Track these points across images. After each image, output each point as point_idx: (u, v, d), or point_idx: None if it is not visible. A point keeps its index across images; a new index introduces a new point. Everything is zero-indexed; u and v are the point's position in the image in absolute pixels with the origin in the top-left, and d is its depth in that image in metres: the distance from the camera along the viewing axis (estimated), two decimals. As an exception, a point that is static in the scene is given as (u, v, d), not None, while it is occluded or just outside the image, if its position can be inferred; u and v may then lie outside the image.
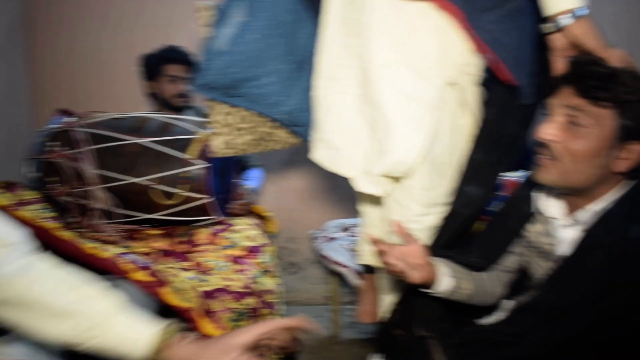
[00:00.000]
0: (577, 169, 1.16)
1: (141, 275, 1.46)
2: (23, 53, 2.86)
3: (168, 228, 1.93)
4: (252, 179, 2.44)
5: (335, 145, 1.45)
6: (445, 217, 1.49)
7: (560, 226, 1.28)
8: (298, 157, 2.96)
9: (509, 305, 1.52)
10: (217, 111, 1.59)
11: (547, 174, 1.20)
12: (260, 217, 2.28)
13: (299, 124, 1.65)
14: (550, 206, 1.31)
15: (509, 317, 1.45)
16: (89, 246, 1.53)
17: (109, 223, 1.84)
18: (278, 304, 1.88)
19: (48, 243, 1.53)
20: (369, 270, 1.84)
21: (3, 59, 2.63)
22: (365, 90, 1.39)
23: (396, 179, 1.42)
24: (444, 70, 1.37)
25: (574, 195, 1.24)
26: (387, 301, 1.56)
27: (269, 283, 1.87)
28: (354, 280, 2.08)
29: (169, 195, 1.79)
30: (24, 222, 1.55)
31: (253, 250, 1.91)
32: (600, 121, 1.12)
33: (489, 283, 1.42)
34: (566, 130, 1.15)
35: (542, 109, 1.29)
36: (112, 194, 1.81)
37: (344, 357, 2.60)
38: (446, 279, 1.31)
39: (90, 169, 1.79)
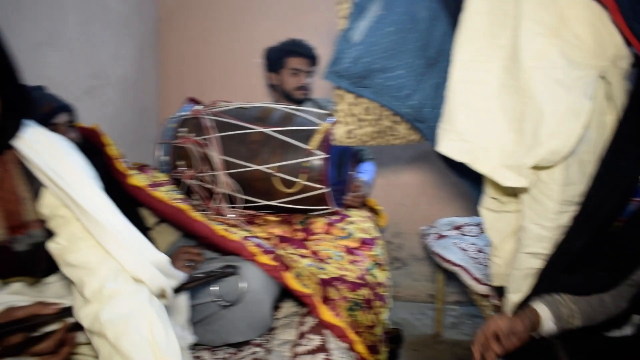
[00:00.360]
0: None
1: (266, 259, 1.51)
2: (153, 43, 3.06)
3: (285, 215, 1.99)
4: (365, 172, 2.45)
5: (469, 138, 1.41)
6: (575, 218, 1.41)
7: None
8: (408, 152, 2.94)
9: (638, 320, 1.43)
10: (343, 100, 1.61)
11: None
12: (371, 210, 2.29)
13: (422, 120, 1.63)
14: None
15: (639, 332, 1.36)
16: (219, 228, 1.61)
17: (231, 207, 1.93)
18: (388, 298, 1.88)
19: (181, 223, 1.64)
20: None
21: (134, 48, 2.82)
22: (513, 81, 1.35)
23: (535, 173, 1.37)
24: (598, 62, 1.30)
25: None
26: (512, 302, 1.51)
27: (380, 276, 1.88)
28: (468, 280, 2.03)
29: (288, 184, 1.85)
30: (161, 201, 1.65)
31: (367, 243, 1.92)
32: None
33: (610, 304, 1.33)
34: None
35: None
36: (235, 180, 1.90)
37: (446, 357, 2.56)
38: (549, 324, 1.27)
39: (216, 155, 1.88)
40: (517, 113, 1.34)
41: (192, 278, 1.48)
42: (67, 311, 1.08)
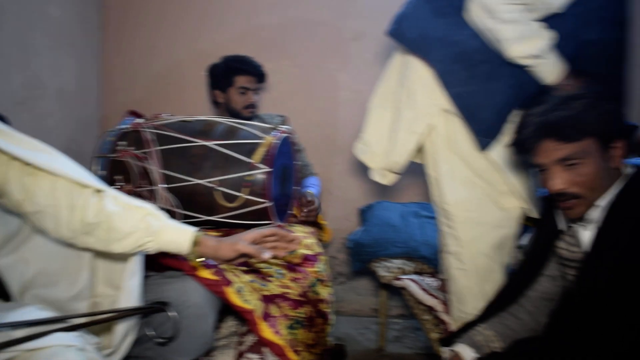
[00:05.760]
0: (595, 189, 1.30)
1: (207, 274, 1.48)
2: (95, 54, 2.98)
3: (226, 230, 1.96)
4: (311, 186, 2.45)
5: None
6: None
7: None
8: (352, 166, 2.97)
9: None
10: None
11: (576, 210, 1.33)
12: (315, 225, 2.29)
13: None
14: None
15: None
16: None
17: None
18: (330, 314, 1.88)
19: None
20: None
21: (74, 57, 2.74)
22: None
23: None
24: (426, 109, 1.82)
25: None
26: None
27: (323, 292, 1.87)
28: (418, 292, 2.07)
29: (230, 198, 1.82)
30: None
31: (309, 259, 1.91)
32: (587, 149, 1.27)
33: (530, 321, 1.46)
34: (567, 172, 1.29)
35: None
36: (175, 194, 1.86)
37: (389, 371, 2.58)
38: (471, 355, 1.40)
39: (156, 169, 1.84)
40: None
41: (119, 312, 1.35)
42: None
